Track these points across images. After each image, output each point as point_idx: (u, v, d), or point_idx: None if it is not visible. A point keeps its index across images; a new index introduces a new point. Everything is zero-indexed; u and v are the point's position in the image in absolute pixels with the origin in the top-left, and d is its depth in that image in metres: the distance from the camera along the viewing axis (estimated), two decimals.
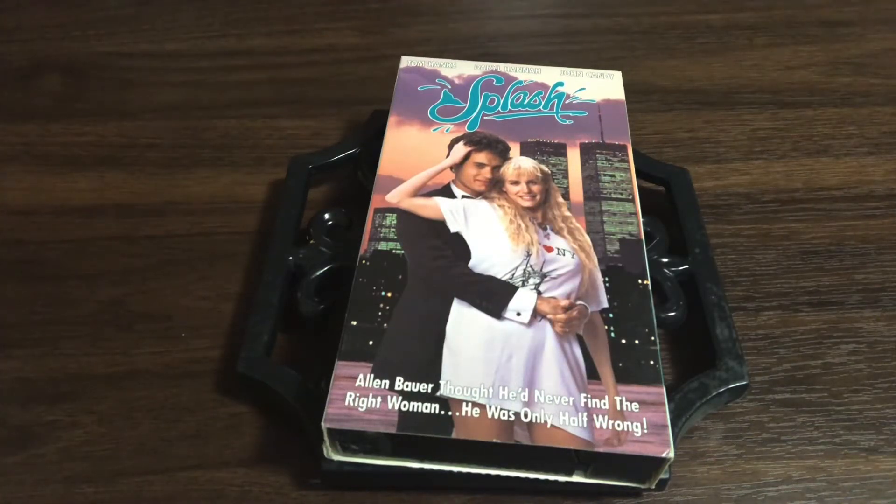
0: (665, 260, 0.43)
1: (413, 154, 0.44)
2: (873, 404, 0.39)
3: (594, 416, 0.33)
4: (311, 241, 0.44)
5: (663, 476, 0.34)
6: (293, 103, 0.56)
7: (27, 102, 0.56)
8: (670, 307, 0.41)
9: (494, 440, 0.32)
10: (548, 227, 0.40)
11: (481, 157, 0.43)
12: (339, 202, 0.48)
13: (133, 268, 0.45)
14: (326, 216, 0.45)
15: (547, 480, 0.34)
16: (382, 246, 0.39)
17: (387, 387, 0.33)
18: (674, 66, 0.59)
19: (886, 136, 0.53)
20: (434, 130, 0.45)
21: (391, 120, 0.46)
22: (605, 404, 0.33)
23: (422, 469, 0.34)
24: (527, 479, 0.34)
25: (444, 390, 0.33)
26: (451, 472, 0.34)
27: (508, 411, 0.33)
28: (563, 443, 0.32)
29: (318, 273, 0.42)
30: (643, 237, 0.40)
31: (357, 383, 0.34)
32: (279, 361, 0.40)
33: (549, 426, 0.32)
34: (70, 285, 0.44)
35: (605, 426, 0.33)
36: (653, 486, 0.34)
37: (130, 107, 0.55)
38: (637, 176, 0.44)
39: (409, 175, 0.42)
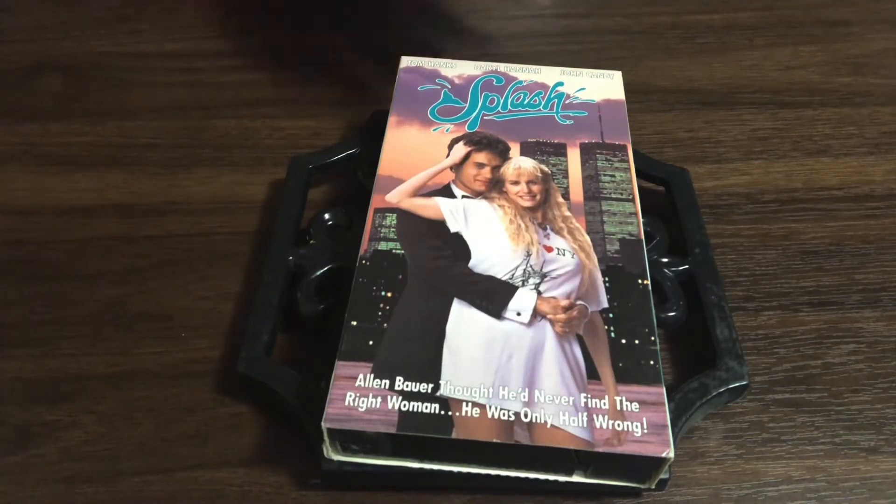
0: (665, 260, 0.43)
1: (413, 154, 0.44)
2: (873, 404, 0.39)
3: (594, 416, 0.33)
4: (311, 241, 0.44)
5: (663, 476, 0.34)
6: (293, 103, 0.56)
7: (27, 102, 0.56)
8: (670, 307, 0.41)
9: (494, 440, 0.32)
10: (548, 226, 0.40)
11: (481, 157, 0.43)
12: (339, 202, 0.48)
13: (133, 268, 0.45)
14: (326, 216, 0.45)
15: (547, 480, 0.34)
16: (382, 246, 0.39)
17: (387, 387, 0.33)
18: (674, 66, 0.59)
19: (886, 136, 0.53)
20: (434, 130, 0.45)
21: (391, 120, 0.46)
22: (605, 404, 0.33)
23: (422, 469, 0.34)
24: (527, 478, 0.34)
25: (444, 390, 0.33)
26: (451, 472, 0.34)
27: (508, 411, 0.33)
28: (563, 443, 0.32)
29: (318, 273, 0.42)
30: (643, 237, 0.40)
31: (357, 383, 0.33)
32: (279, 361, 0.40)
33: (549, 426, 0.32)
34: (70, 285, 0.44)
35: (605, 426, 0.33)
36: (653, 486, 0.34)
37: (130, 107, 0.55)
38: (637, 176, 0.44)
39: (409, 175, 0.42)
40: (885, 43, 0.60)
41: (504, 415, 0.33)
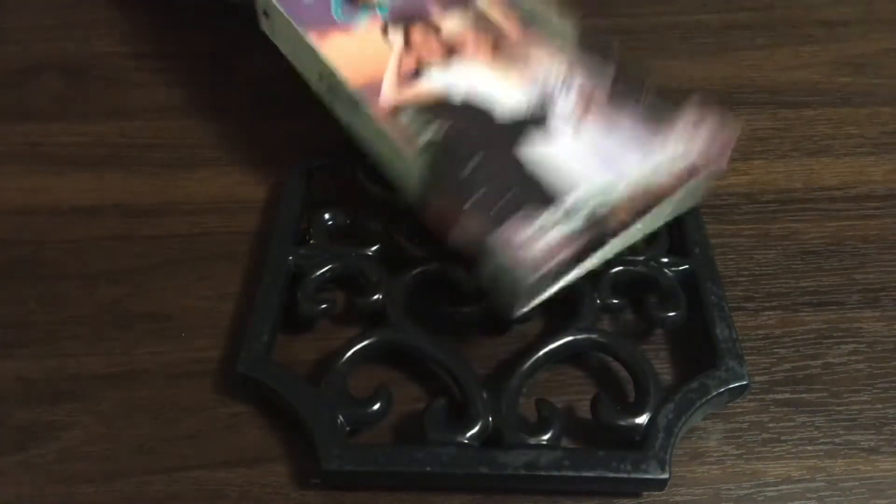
0: (665, 260, 0.43)
1: (363, 57, 0.43)
2: (873, 404, 0.39)
3: (683, 146, 0.39)
4: (311, 241, 0.44)
5: (663, 476, 0.34)
6: (293, 103, 0.56)
7: (27, 102, 0.56)
8: (670, 307, 0.41)
9: (645, 210, 0.37)
10: (518, 61, 0.43)
11: (416, 34, 0.44)
12: (339, 202, 0.48)
13: (133, 268, 0.45)
14: (326, 216, 0.45)
15: (549, 476, 0.34)
16: (423, 138, 0.40)
17: (542, 226, 0.36)
18: (674, 66, 0.59)
19: (886, 136, 0.53)
20: (357, 30, 0.44)
21: (311, 37, 0.44)
22: (677, 138, 0.39)
23: (424, 471, 0.34)
24: (526, 476, 0.34)
25: (581, 202, 0.37)
26: (452, 473, 0.34)
27: (636, 186, 0.37)
28: (689, 178, 0.38)
29: (318, 273, 0.42)
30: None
31: (520, 239, 0.36)
32: (279, 361, 0.40)
33: (668, 173, 0.37)
34: (70, 285, 0.44)
35: (692, 148, 0.39)
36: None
37: (130, 107, 0.55)
38: None
39: (378, 73, 0.42)
40: (885, 43, 0.60)
41: (637, 189, 0.37)
